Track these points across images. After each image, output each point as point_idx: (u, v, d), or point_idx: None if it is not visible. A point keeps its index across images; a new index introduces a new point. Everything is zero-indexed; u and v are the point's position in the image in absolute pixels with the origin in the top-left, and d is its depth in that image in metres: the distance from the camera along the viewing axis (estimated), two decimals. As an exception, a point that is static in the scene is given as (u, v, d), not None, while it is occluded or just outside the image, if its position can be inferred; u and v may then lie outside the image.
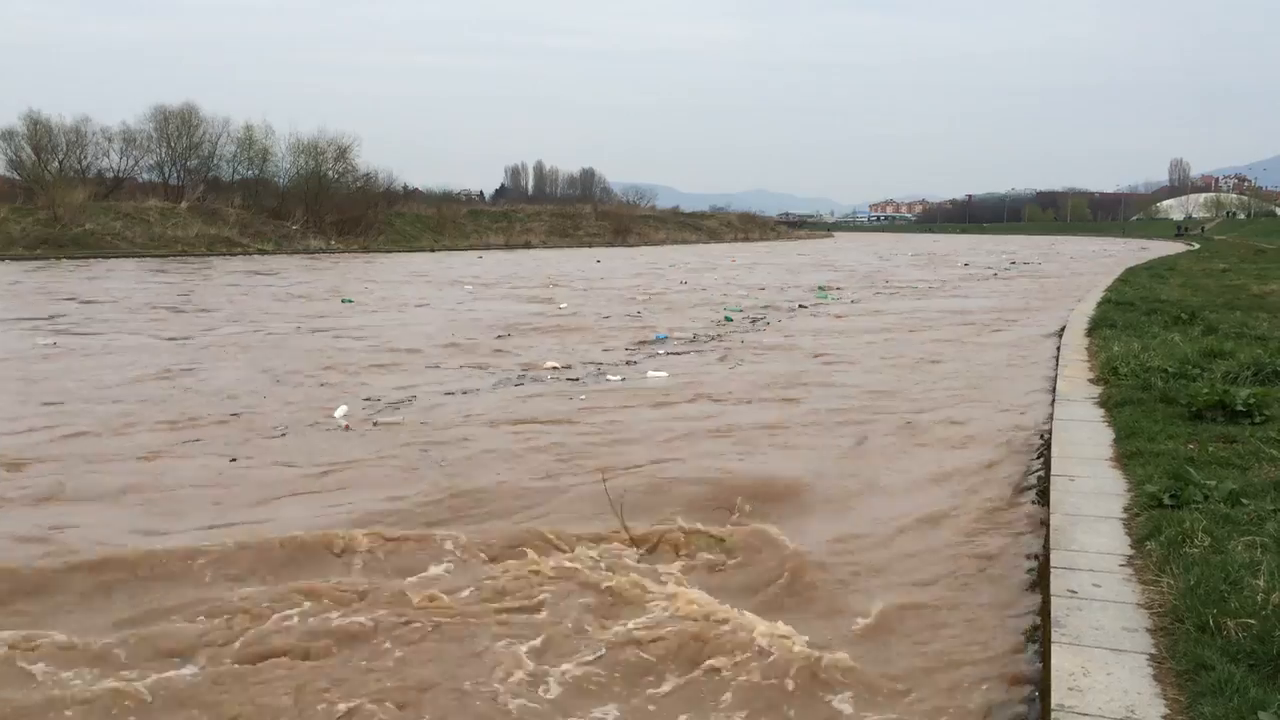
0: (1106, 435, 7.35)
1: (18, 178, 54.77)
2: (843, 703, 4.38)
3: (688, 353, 15.14)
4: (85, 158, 59.19)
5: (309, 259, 47.45)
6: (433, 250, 58.54)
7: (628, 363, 14.04)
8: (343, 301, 23.26)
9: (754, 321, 19.62)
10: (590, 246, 69.08)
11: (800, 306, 23.00)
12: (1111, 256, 52.84)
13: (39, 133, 56.04)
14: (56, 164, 56.50)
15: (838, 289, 28.94)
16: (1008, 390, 11.77)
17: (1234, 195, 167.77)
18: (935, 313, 21.94)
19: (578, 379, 12.49)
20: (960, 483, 7.77)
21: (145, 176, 61.95)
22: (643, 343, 16.14)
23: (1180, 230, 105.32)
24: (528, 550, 6.09)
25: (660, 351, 15.09)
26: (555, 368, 13.23)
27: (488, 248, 63.61)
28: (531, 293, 27.16)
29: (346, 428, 9.65)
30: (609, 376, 12.54)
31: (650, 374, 12.66)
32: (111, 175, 60.39)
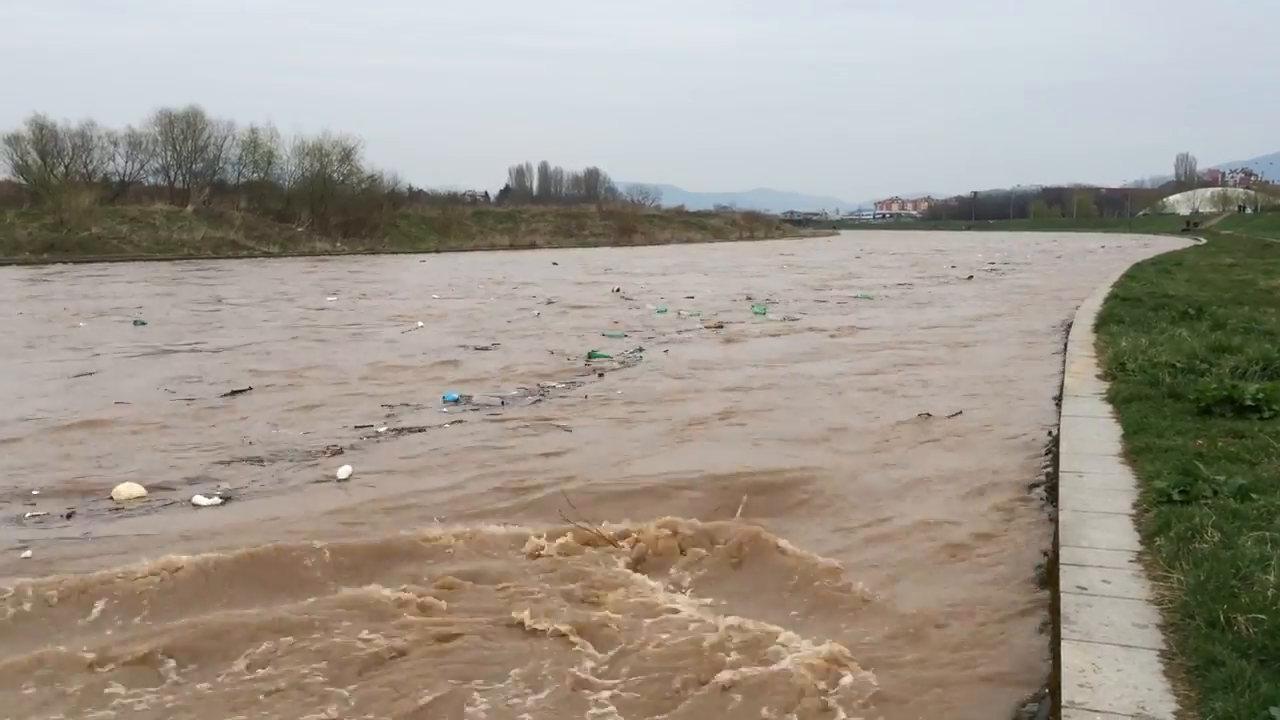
0: (1115, 431, 7.32)
1: (24, 182, 55.03)
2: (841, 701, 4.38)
3: (463, 423, 10.22)
4: (91, 162, 59.71)
5: (270, 261, 47.46)
6: (438, 251, 58.69)
7: (316, 456, 8.87)
8: (135, 324, 19.84)
9: (637, 350, 15.46)
10: (595, 246, 69.13)
11: (717, 326, 18.95)
12: (1109, 254, 51.39)
13: (45, 137, 56.42)
14: (62, 168, 56.84)
15: (771, 301, 24.59)
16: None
17: (1241, 190, 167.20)
18: (886, 330, 18.41)
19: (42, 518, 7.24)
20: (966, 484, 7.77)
21: (151, 180, 62.36)
22: (401, 408, 11.04)
23: (1188, 225, 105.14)
24: None
25: (414, 426, 10.07)
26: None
27: (492, 248, 63.79)
28: (414, 306, 23.56)
29: None
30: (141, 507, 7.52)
31: (196, 501, 7.66)
32: (117, 179, 60.77)
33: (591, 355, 14.90)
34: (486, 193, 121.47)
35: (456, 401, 11.34)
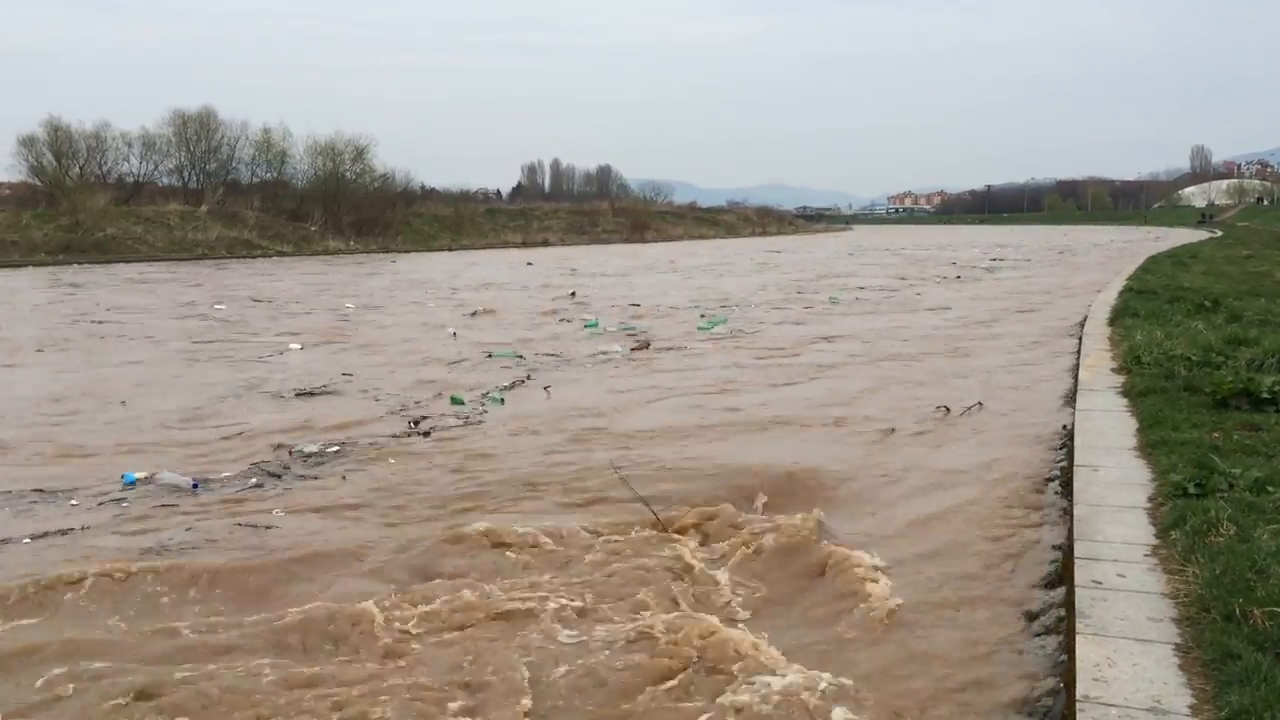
0: (1130, 425, 7.30)
1: (39, 184, 55.35)
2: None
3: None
4: (105, 163, 59.98)
5: (269, 262, 47.59)
6: (450, 249, 58.83)
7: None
8: None
9: (506, 387, 12.00)
10: (608, 243, 69.16)
11: (644, 346, 15.51)
12: (1110, 251, 49.21)
13: (59, 139, 56.72)
14: (77, 169, 57.14)
15: (727, 308, 21.79)
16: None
17: (1257, 181, 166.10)
18: (858, 341, 15.96)
19: None
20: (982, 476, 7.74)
21: (165, 180, 62.51)
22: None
23: (1204, 217, 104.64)
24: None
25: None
26: None
27: (505, 246, 63.87)
28: (315, 321, 19.93)
29: None
30: None
31: None
32: (131, 180, 61.01)
33: (454, 399, 11.43)
34: (499, 190, 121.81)
35: (134, 485, 7.97)
